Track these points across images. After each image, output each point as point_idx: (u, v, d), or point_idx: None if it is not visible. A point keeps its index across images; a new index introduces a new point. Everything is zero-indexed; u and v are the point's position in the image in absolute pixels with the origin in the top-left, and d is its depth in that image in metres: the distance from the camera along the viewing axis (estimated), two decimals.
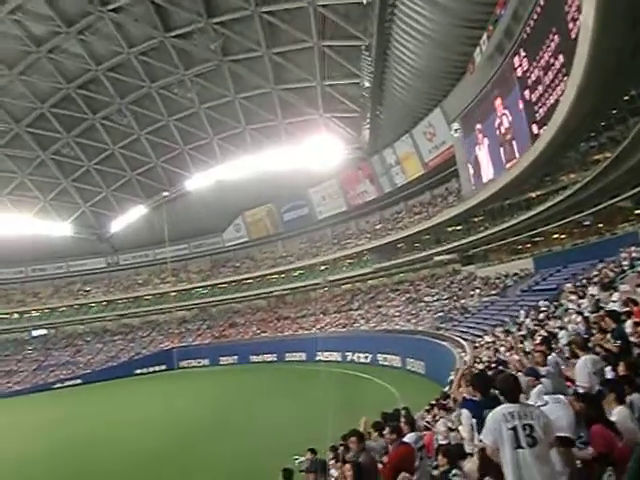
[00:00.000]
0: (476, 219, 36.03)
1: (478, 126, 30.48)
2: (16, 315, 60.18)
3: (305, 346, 43.48)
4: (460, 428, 6.51)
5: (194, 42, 39.19)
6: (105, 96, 46.31)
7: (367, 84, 34.23)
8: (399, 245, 43.94)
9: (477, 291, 33.45)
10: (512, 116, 25.64)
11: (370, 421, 7.19)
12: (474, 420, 4.94)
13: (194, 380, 43.13)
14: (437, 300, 37.14)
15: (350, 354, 39.08)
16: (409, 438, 5.57)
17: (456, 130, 33.40)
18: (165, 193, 56.56)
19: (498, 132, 27.85)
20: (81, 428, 25.67)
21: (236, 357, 49.71)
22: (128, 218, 61.04)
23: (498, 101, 27.02)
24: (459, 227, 38.05)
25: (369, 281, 49.39)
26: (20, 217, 58.12)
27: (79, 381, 49.74)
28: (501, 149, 27.86)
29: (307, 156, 47.34)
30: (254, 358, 48.03)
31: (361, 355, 38.06)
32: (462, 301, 33.72)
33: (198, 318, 59.69)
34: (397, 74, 31.20)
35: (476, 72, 27.43)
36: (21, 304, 60.76)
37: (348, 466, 5.07)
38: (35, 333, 60.42)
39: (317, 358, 40.47)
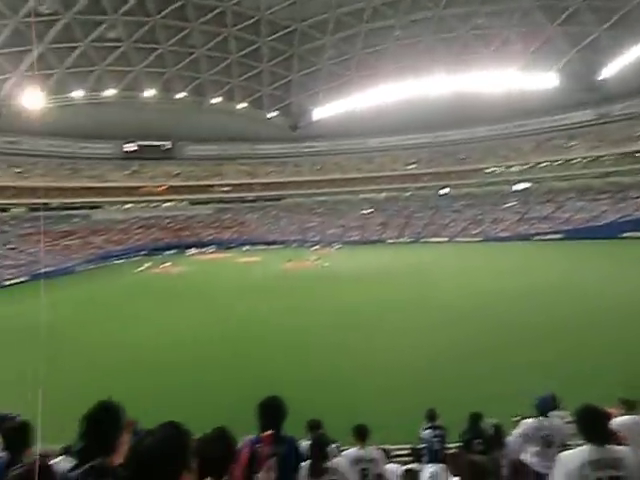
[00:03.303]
0: None
1: None
2: (498, 169, 65.15)
3: None
4: None
5: None
6: None
7: None
8: None
9: None
10: None
11: None
12: None
13: None
14: None
15: None
16: None
17: None
18: None
19: None
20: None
21: None
22: (624, 60, 51.88)
23: None
24: None
25: None
26: (504, 73, 59.68)
27: (559, 236, 50.33)
28: None
29: None
30: None
31: None
32: None
33: None
34: None
35: None
36: (504, 159, 64.79)
37: None
38: (516, 187, 64.16)
39: None
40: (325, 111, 72.44)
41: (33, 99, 52.86)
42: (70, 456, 5.21)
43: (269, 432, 3.18)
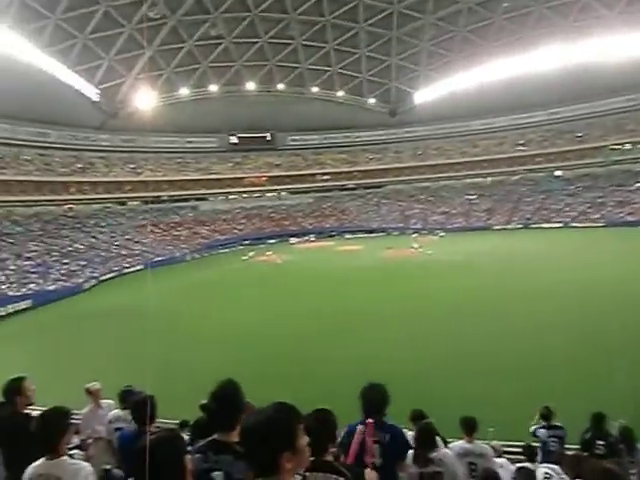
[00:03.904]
0: None
1: None
2: (624, 147, 58.58)
3: None
4: None
5: None
6: None
7: None
8: None
9: None
10: None
11: None
12: None
13: None
14: None
15: None
16: None
17: None
18: None
19: None
20: None
21: None
22: None
23: None
24: None
25: None
26: (630, 37, 53.19)
27: None
28: None
29: None
30: None
31: None
32: None
33: None
34: None
35: None
36: (630, 134, 57.99)
37: None
38: None
39: None
40: (426, 94, 70.07)
41: (145, 99, 57.65)
42: (187, 430, 5.58)
43: (369, 420, 3.10)
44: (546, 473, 5.16)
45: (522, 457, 6.04)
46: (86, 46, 51.05)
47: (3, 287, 32.42)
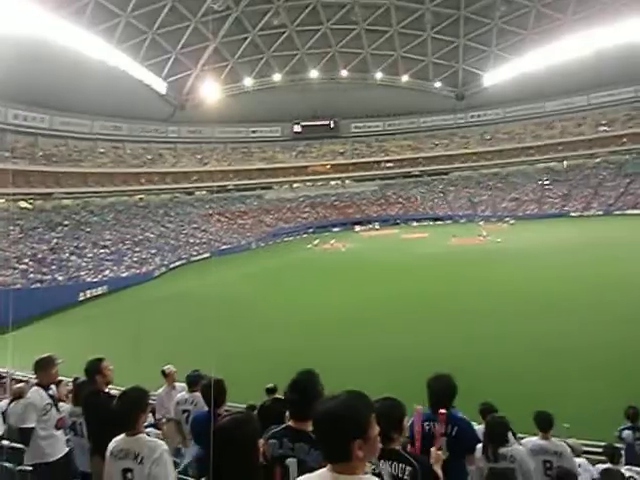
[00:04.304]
0: None
1: None
2: None
3: None
4: None
5: None
6: None
7: None
8: None
9: None
10: None
11: None
12: None
13: None
14: None
15: None
16: None
17: None
18: None
19: None
20: None
21: None
22: None
23: None
24: None
25: None
26: None
27: None
28: None
29: None
30: None
31: None
32: None
33: None
34: None
35: None
36: None
37: None
38: None
39: None
40: (496, 76, 66.65)
41: (210, 91, 59.25)
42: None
43: (441, 410, 3.02)
44: (631, 477, 4.75)
45: (603, 458, 5.59)
46: (154, 41, 53.17)
47: (82, 273, 34.63)
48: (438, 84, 70.23)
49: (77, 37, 43.41)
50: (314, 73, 66.23)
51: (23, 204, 44.35)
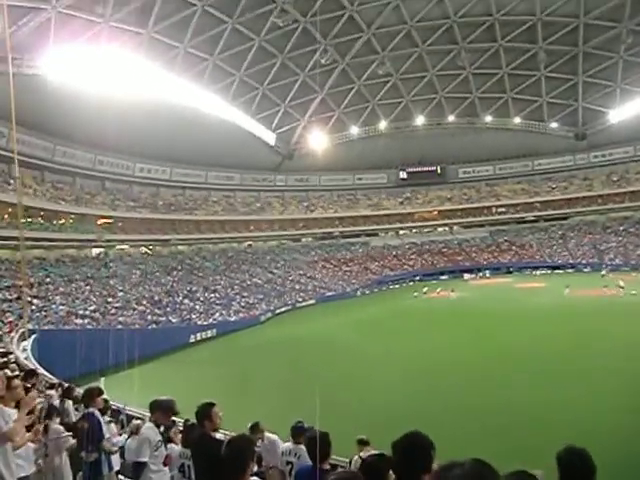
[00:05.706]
0: None
1: None
2: None
3: None
4: None
5: None
6: None
7: None
8: None
9: None
10: None
11: None
12: None
13: None
14: None
15: None
16: None
17: None
18: None
19: None
20: None
21: None
22: None
23: None
24: None
25: None
26: None
27: None
28: None
29: None
30: None
31: None
32: None
33: None
34: None
35: None
36: None
37: None
38: None
39: None
40: (624, 112, 60.84)
41: (317, 140, 61.19)
42: None
43: None
44: None
45: None
46: (265, 95, 56.43)
47: (193, 316, 35.99)
48: (554, 124, 65.94)
49: (197, 96, 47.63)
50: (420, 119, 65.70)
51: (144, 249, 48.07)
